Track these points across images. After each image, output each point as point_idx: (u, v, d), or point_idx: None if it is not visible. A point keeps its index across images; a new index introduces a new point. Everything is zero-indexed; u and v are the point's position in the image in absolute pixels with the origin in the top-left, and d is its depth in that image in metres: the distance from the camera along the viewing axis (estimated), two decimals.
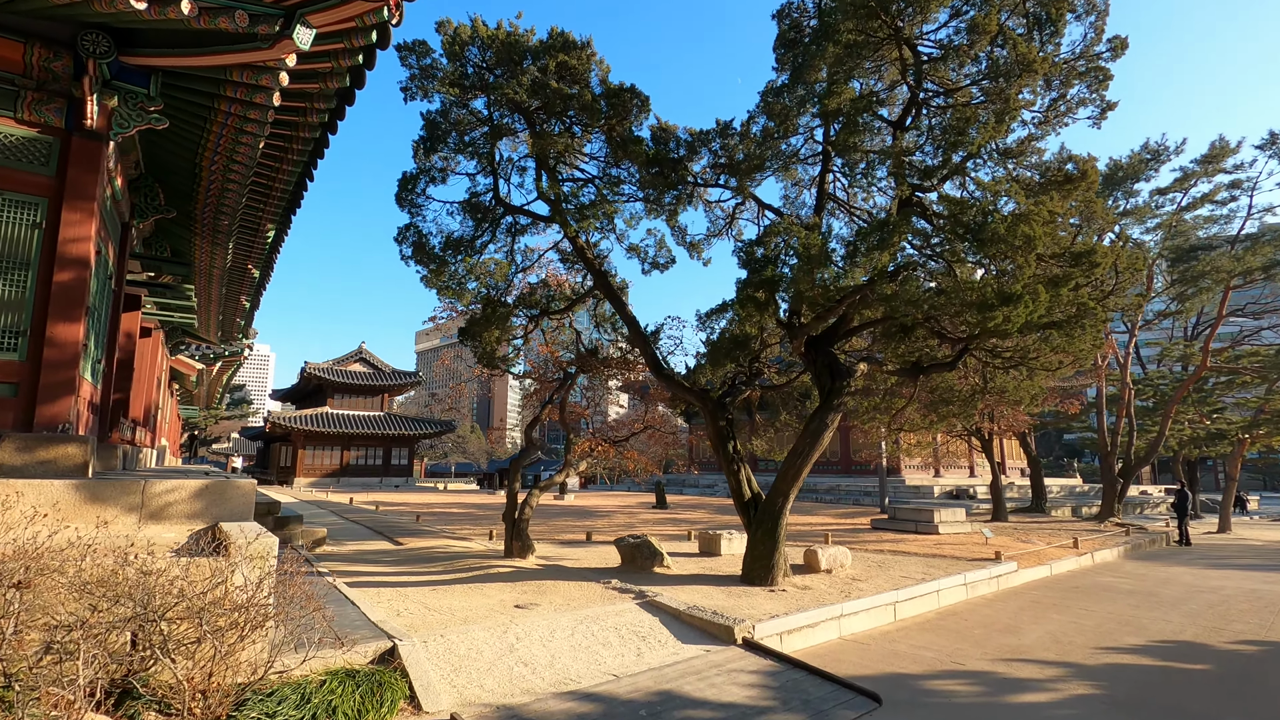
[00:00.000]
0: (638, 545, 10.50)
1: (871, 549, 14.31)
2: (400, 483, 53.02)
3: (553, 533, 17.75)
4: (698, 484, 47.88)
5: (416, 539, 13.78)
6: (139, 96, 7.56)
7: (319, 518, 18.57)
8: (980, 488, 36.95)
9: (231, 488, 6.62)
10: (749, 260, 10.03)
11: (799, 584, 9.66)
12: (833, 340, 10.19)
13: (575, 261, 12.54)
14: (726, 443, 10.57)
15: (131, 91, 7.50)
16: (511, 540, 11.11)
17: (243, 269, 14.22)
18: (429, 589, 8.73)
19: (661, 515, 25.05)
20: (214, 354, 28.01)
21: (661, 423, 15.12)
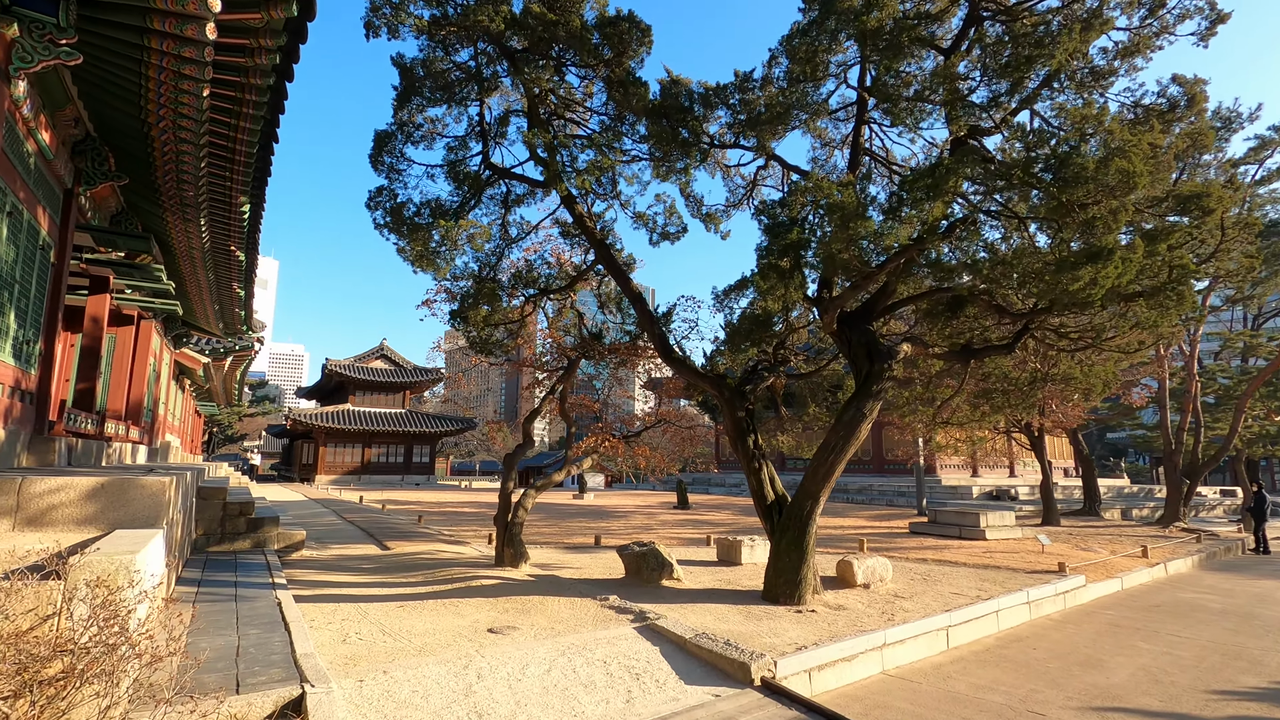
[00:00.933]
0: (643, 554, 9.14)
1: (913, 557, 12.73)
2: (421, 481, 52.44)
3: (561, 535, 16.47)
4: (724, 483, 46.31)
5: (407, 543, 12.61)
6: (46, 27, 6.39)
7: (315, 518, 17.59)
8: (1022, 488, 34.80)
9: (135, 488, 5.42)
10: (771, 223, 8.59)
11: (831, 602, 8.20)
12: (870, 316, 8.70)
13: (577, 235, 11.22)
14: (746, 437, 9.15)
15: (36, 20, 6.33)
16: (503, 546, 9.84)
17: (226, 251, 13.20)
18: (396, 605, 7.48)
19: (682, 516, 23.64)
20: (224, 348, 27.38)
21: (678, 417, 13.73)
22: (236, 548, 10.55)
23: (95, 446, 10.39)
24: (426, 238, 8.46)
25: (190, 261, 13.87)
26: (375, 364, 54.66)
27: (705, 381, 9.43)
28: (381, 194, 8.85)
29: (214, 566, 8.78)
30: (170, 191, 10.40)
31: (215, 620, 5.93)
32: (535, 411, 11.53)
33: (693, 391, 12.19)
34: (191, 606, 6.33)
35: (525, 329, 12.12)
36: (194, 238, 12.17)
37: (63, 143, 8.45)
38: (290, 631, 5.70)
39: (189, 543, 9.06)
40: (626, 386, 14.21)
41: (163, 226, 11.99)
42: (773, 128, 9.41)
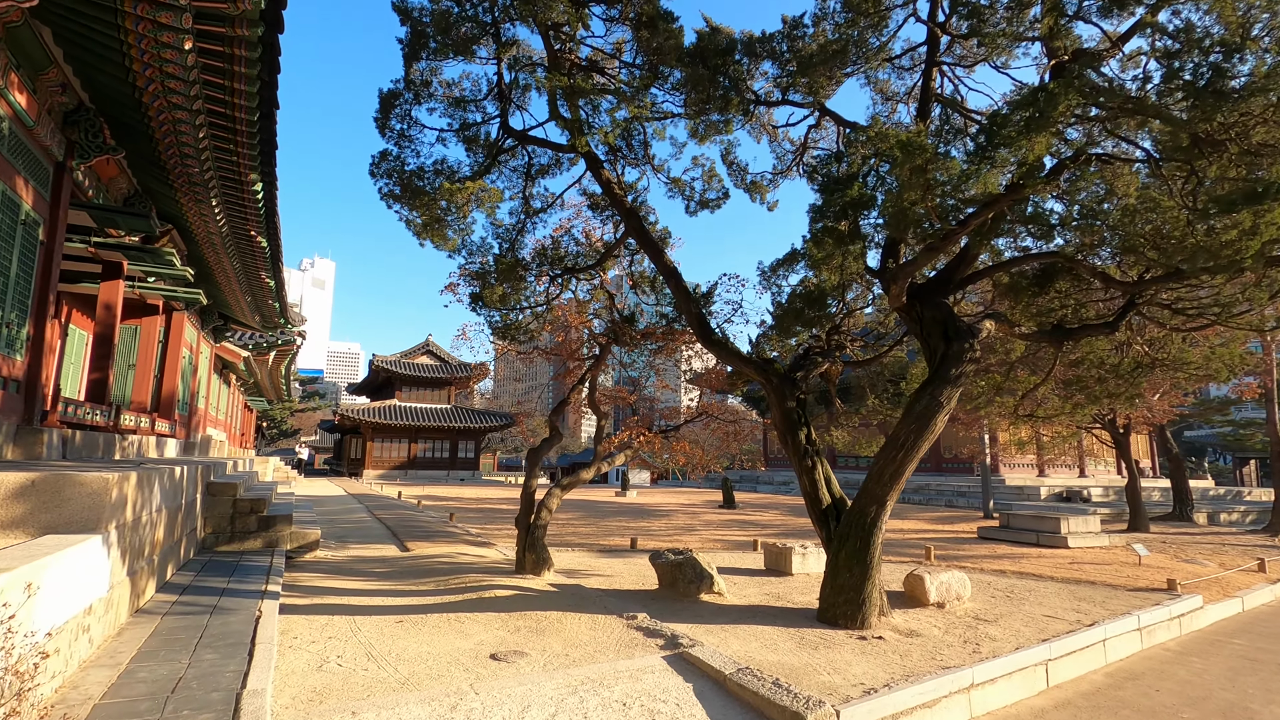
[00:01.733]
0: (679, 564, 8.01)
1: (989, 569, 11.23)
2: (466, 476, 52.48)
3: (597, 535, 15.47)
4: (771, 481, 44.73)
5: (429, 544, 11.81)
6: None
7: (345, 514, 17.06)
8: (1095, 490, 32.22)
9: (71, 485, 4.60)
10: (827, 180, 7.35)
11: (901, 627, 6.91)
12: (946, 287, 7.35)
13: (606, 208, 10.16)
14: (796, 430, 7.92)
15: None
16: (524, 551, 8.87)
17: (246, 236, 12.64)
18: (395, 621, 6.57)
19: (727, 516, 22.40)
20: (265, 343, 27.40)
21: (722, 410, 12.53)
22: (246, 547, 9.89)
23: (103, 439, 9.88)
24: (433, 204, 7.52)
25: (212, 248, 13.38)
26: (421, 360, 55.00)
27: (750, 367, 8.23)
28: (386, 159, 7.95)
29: (211, 570, 8.07)
30: (175, 168, 9.78)
31: (173, 640, 5.10)
32: (563, 403, 10.54)
33: (737, 381, 11.00)
34: (157, 622, 5.54)
35: (553, 313, 11.14)
36: (210, 221, 11.61)
37: (48, 111, 7.85)
38: (253, 657, 4.80)
39: (186, 544, 8.40)
40: (666, 377, 13.09)
41: (178, 210, 11.46)
42: (828, 70, 8.14)
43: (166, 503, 6.97)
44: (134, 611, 5.78)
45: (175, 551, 7.68)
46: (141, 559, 6.00)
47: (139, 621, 5.56)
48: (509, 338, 10.68)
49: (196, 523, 9.23)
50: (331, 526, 14.27)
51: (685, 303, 8.47)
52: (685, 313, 8.53)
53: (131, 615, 5.69)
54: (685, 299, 8.46)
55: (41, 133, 7.73)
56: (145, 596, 6.16)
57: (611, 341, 10.41)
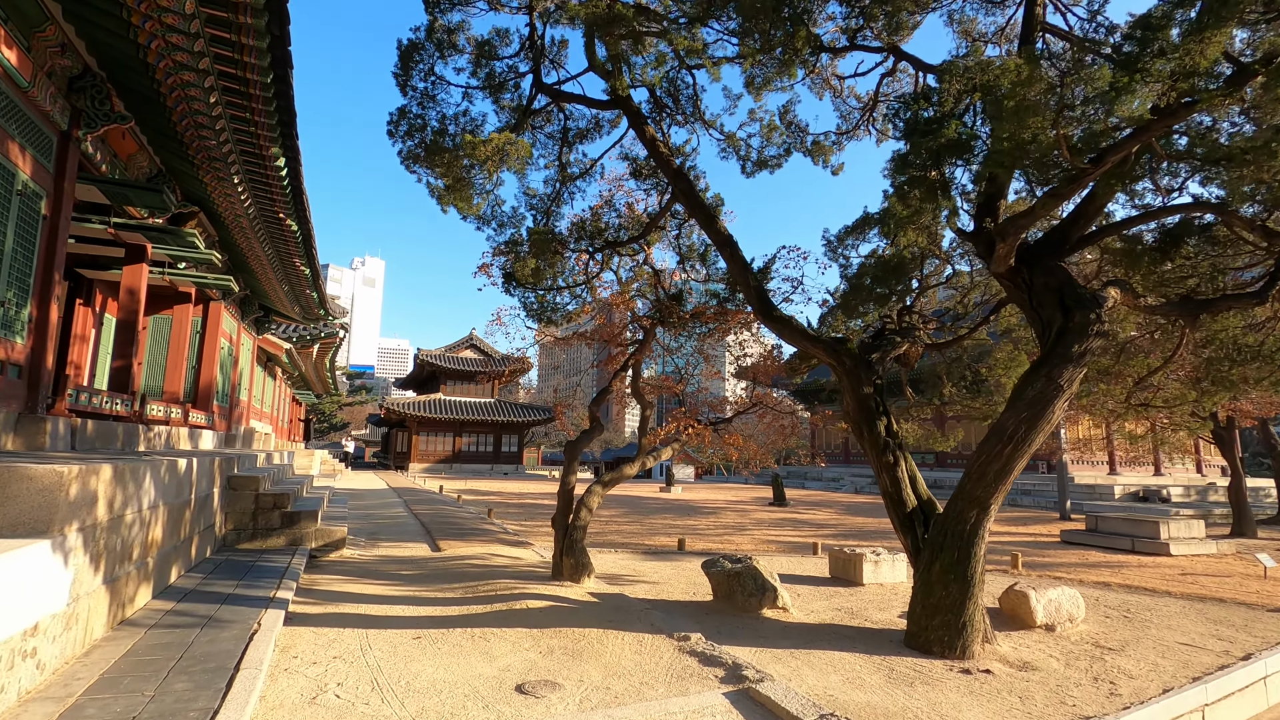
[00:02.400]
0: (737, 574, 6.96)
1: (1089, 580, 9.82)
2: (510, 470, 52.39)
3: (642, 534, 14.52)
4: (820, 477, 43.09)
5: (463, 543, 11.04)
6: None
7: (381, 509, 16.53)
8: (1175, 489, 29.76)
9: (17, 480, 3.84)
10: (913, 124, 6.16)
11: (1010, 656, 5.72)
12: (1061, 249, 6.08)
13: (650, 174, 9.14)
14: (874, 420, 6.78)
15: None
16: (561, 555, 7.96)
17: (275, 218, 12.06)
18: (413, 636, 5.72)
19: (779, 515, 21.20)
20: (309, 335, 27.36)
21: (776, 402, 11.40)
22: (269, 545, 9.27)
23: (123, 430, 9.37)
24: (456, 163, 6.63)
25: (243, 233, 12.87)
26: (465, 354, 55.11)
27: (819, 347, 7.10)
28: (405, 117, 7.10)
29: (224, 571, 7.41)
30: (193, 141, 9.16)
31: (147, 663, 4.33)
32: (604, 392, 9.60)
33: (800, 367, 9.85)
34: (138, 637, 4.80)
35: (592, 293, 10.20)
36: (235, 202, 11.04)
37: (47, 74, 7.28)
38: (231, 686, 3.99)
39: (200, 543, 7.76)
40: (716, 364, 12.01)
41: (203, 191, 10.93)
42: (908, 3, 6.94)
43: (167, 498, 6.29)
44: (116, 624, 5.07)
45: (183, 551, 7.03)
46: (128, 563, 5.29)
47: (117, 637, 4.83)
48: (545, 320, 9.79)
49: (215, 519, 8.63)
50: (365, 522, 13.71)
51: (742, 276, 7.39)
52: (742, 287, 7.45)
53: (112, 628, 4.97)
54: (743, 271, 7.38)
55: (40, 96, 7.14)
56: (134, 605, 5.45)
57: (657, 323, 9.40)
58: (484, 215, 8.30)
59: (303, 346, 27.07)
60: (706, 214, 7.56)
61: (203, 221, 12.58)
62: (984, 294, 10.68)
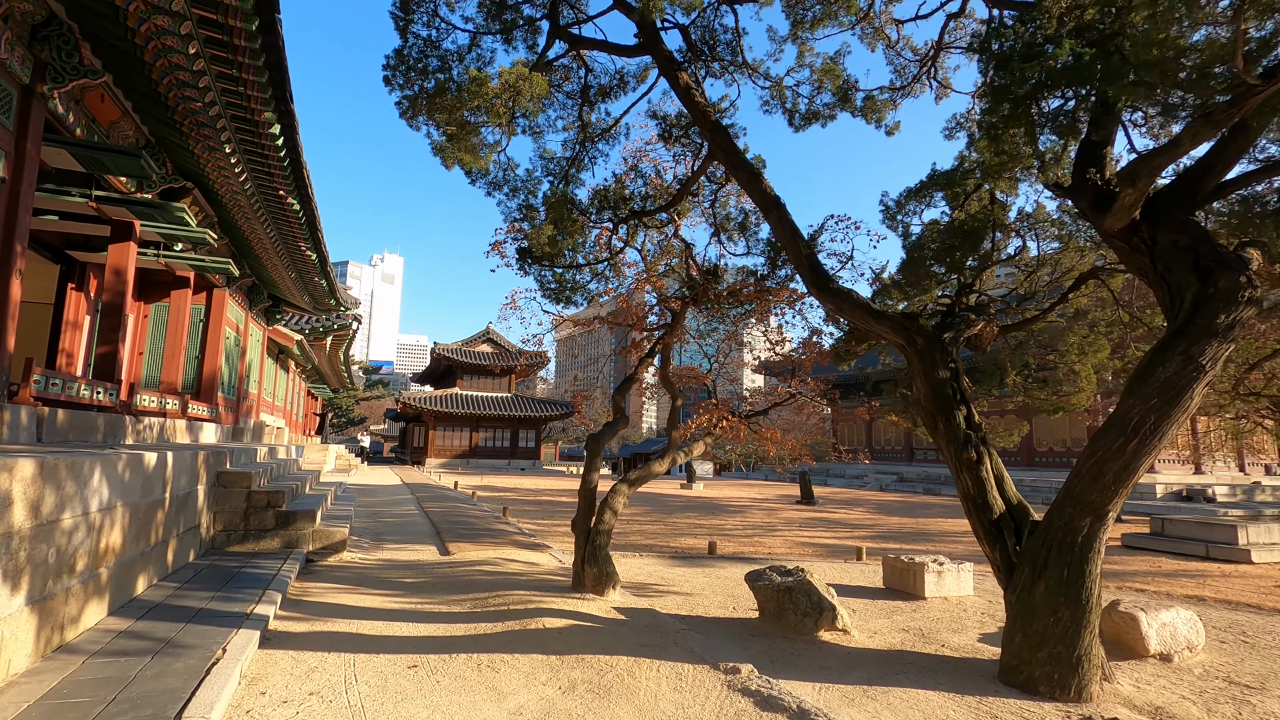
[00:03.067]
0: (789, 590, 5.95)
1: (1178, 595, 8.67)
2: (527, 466, 51.70)
3: (667, 535, 13.55)
4: (843, 474, 41.86)
5: (475, 545, 10.13)
6: None
7: (391, 507, 15.70)
8: (1219, 488, 28.24)
9: None
10: (1008, 51, 5.10)
11: (1137, 699, 4.66)
12: (1193, 200, 4.99)
13: (680, 137, 8.14)
14: (952, 410, 5.73)
15: None
16: (583, 564, 7.01)
17: (275, 196, 11.22)
18: (408, 663, 4.80)
19: (809, 514, 20.12)
20: (322, 327, 26.71)
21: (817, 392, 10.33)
22: (261, 548, 8.44)
23: (104, 421, 8.58)
24: (459, 106, 5.67)
25: (242, 213, 12.03)
26: (481, 348, 54.48)
27: (884, 324, 6.06)
28: (403, 60, 6.14)
29: (203, 580, 6.55)
30: (178, 104, 8.30)
31: (68, 707, 3.44)
32: (629, 380, 8.62)
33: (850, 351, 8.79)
34: (71, 670, 3.90)
35: (615, 271, 9.23)
36: (231, 176, 10.19)
37: (4, 19, 6.47)
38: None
39: (179, 547, 6.91)
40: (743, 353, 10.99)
41: (196, 164, 10.10)
42: None
43: (128, 498, 5.42)
44: (49, 652, 4.19)
45: (155, 558, 6.18)
46: (67, 577, 4.41)
47: (44, 670, 3.95)
48: (564, 301, 8.83)
49: (200, 519, 7.79)
50: (372, 521, 12.89)
51: (792, 243, 6.36)
52: (791, 257, 6.42)
53: (41, 658, 4.09)
54: (792, 238, 6.35)
55: None
56: (78, 627, 4.58)
57: (689, 303, 8.40)
58: (495, 179, 7.35)
59: (315, 338, 26.42)
60: (750, 172, 6.53)
61: (199, 200, 11.79)
62: (1053, 272, 9.56)
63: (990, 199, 7.12)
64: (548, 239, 6.73)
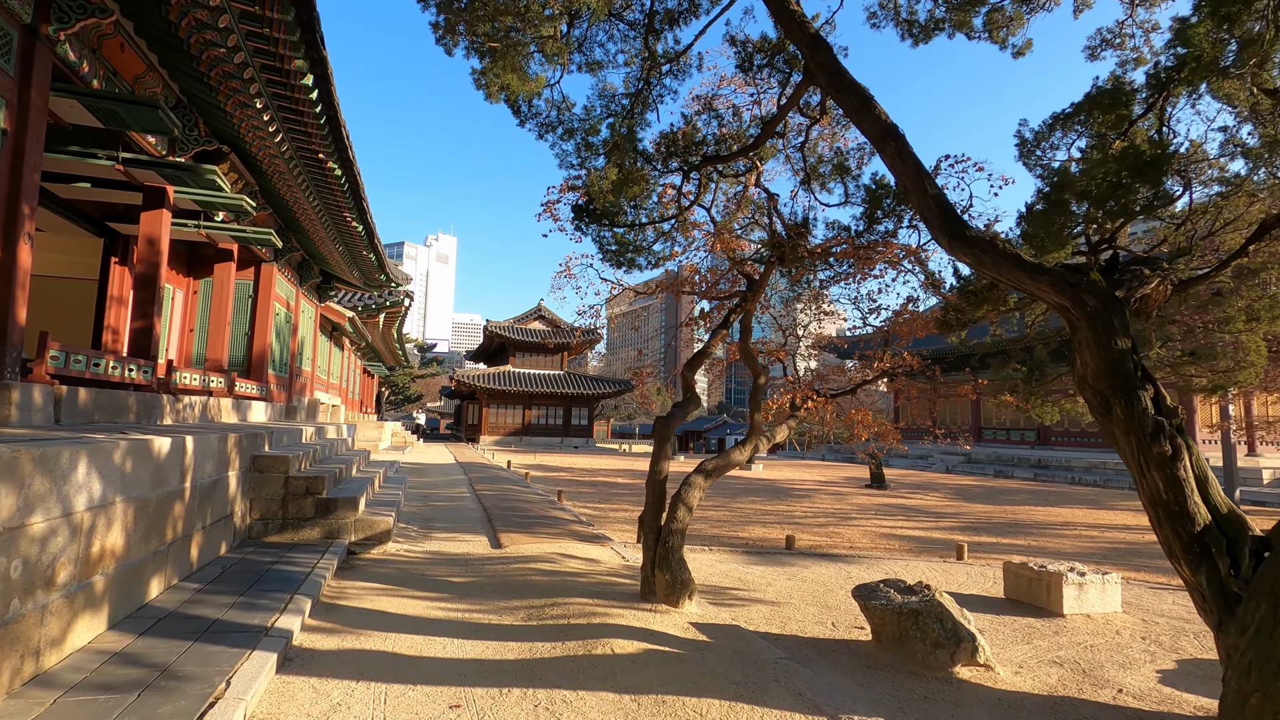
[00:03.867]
0: (915, 614, 4.79)
1: None
2: (580, 444, 51.36)
3: (734, 523, 12.47)
4: (906, 456, 39.81)
5: (529, 537, 9.27)
6: None
7: (443, 488, 15.10)
8: None
9: None
10: None
11: None
12: None
13: (764, 65, 6.86)
14: (1135, 390, 4.42)
15: None
16: (653, 568, 6.01)
17: (314, 160, 10.47)
18: (451, 702, 3.89)
19: (882, 499, 18.70)
20: (374, 304, 26.49)
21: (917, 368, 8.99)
22: (300, 538, 7.76)
23: (136, 400, 8.01)
24: (503, 12, 4.61)
25: (283, 180, 11.32)
26: (533, 325, 54.18)
27: (1042, 281, 4.75)
28: None
29: (229, 578, 5.83)
30: (200, 51, 7.54)
31: None
32: (700, 354, 7.51)
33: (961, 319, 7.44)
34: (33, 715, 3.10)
35: (684, 229, 8.09)
36: (266, 137, 9.42)
37: None
38: None
39: (207, 540, 6.22)
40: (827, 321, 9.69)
41: (230, 125, 9.36)
42: None
43: (133, 492, 4.67)
44: (22, 684, 3.43)
45: (174, 556, 5.47)
46: (45, 592, 3.64)
47: (8, 712, 3.18)
48: (624, 264, 7.77)
49: (233, 508, 7.13)
50: (422, 504, 12.25)
51: (915, 182, 5.08)
52: (915, 199, 5.14)
53: (10, 694, 3.33)
54: (916, 176, 5.07)
55: None
56: (63, 649, 3.83)
57: (774, 264, 7.18)
58: (547, 119, 6.28)
59: (368, 316, 26.21)
60: (859, 95, 5.26)
61: (237, 167, 11.14)
62: (1211, 223, 7.93)
63: (1160, 124, 5.67)
64: (611, 186, 5.64)
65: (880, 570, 8.56)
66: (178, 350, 12.80)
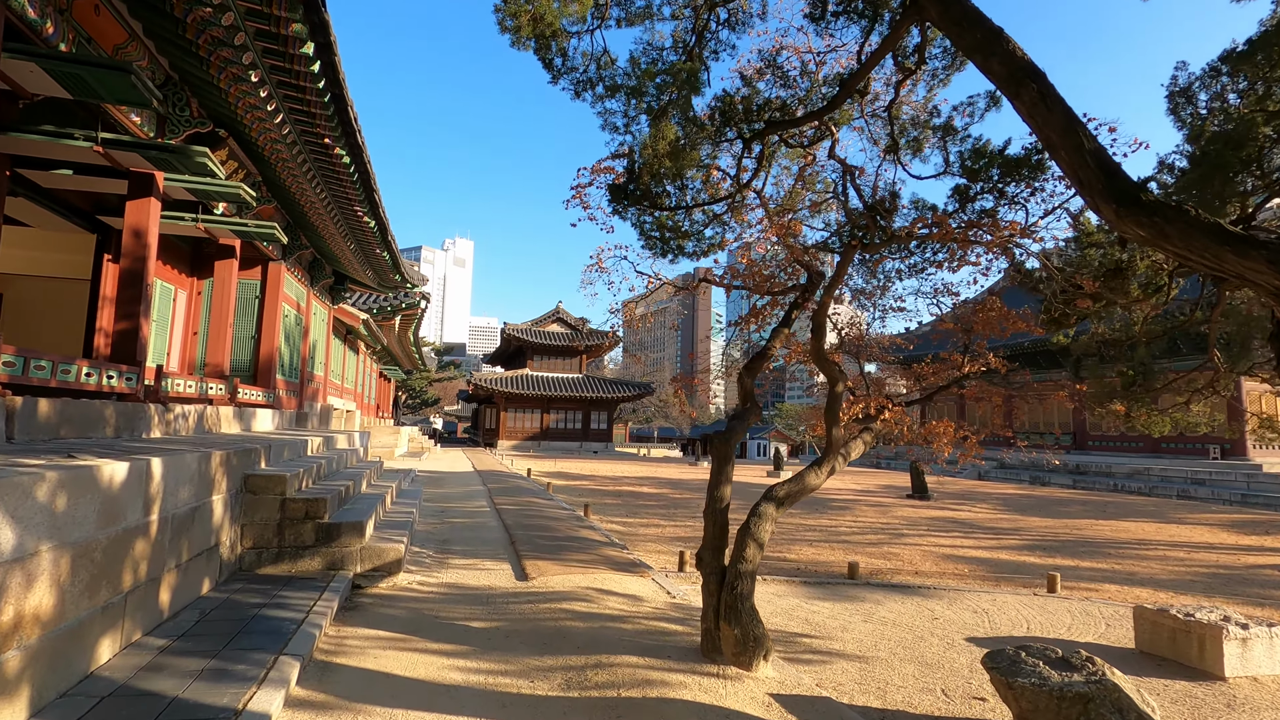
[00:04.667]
0: (1081, 702, 3.60)
1: None
2: (600, 448, 50.34)
3: (777, 541, 11.29)
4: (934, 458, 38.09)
5: (559, 565, 8.17)
6: None
7: (461, 501, 14.06)
8: None
9: None
10: None
11: None
12: None
13: (842, 8, 5.74)
14: None
15: None
16: (716, 618, 4.90)
17: (320, 146, 9.52)
18: None
19: (929, 511, 17.40)
20: (390, 306, 25.64)
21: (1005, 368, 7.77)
22: (299, 569, 6.74)
23: (115, 412, 7.06)
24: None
25: (286, 169, 10.37)
26: (551, 327, 53.27)
27: (1254, 258, 3.56)
28: None
29: (204, 631, 4.81)
30: (184, 13, 6.63)
31: None
32: (761, 355, 6.37)
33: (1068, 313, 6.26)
34: None
35: (738, 216, 7.00)
36: (265, 117, 8.46)
37: None
38: None
39: (184, 581, 5.21)
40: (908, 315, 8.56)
41: (225, 104, 8.42)
42: None
43: (69, 535, 3.66)
44: None
45: (138, 605, 4.46)
46: None
47: None
48: (669, 252, 6.69)
49: (218, 538, 6.12)
50: (438, 521, 11.23)
51: (1065, 134, 3.91)
52: (1066, 157, 3.98)
53: None
54: (1066, 126, 3.88)
55: None
56: None
57: (855, 246, 6.03)
58: (584, 75, 5.21)
59: (383, 318, 25.35)
60: (985, 28, 4.11)
61: (237, 154, 10.19)
62: None
63: None
64: (667, 149, 4.55)
65: (965, 606, 7.37)
66: (180, 355, 11.93)
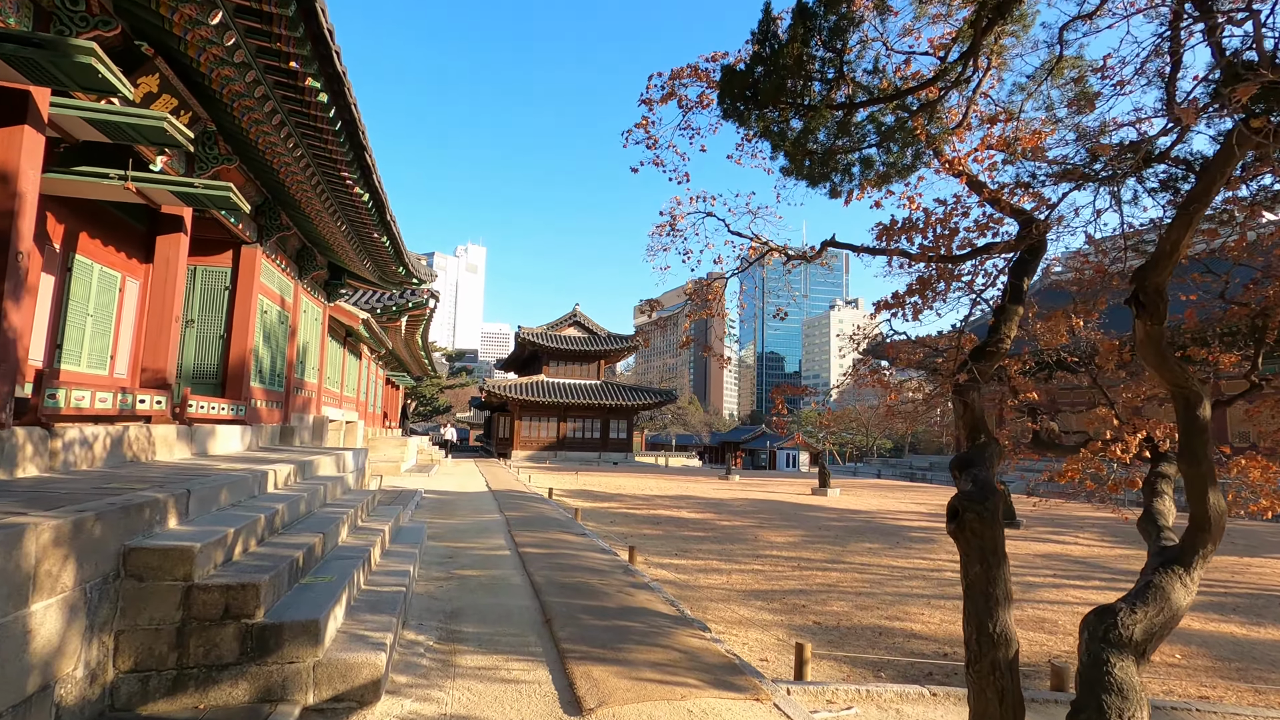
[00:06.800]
0: None
1: None
2: (620, 459, 47.61)
3: (876, 598, 8.49)
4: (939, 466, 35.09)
5: (625, 675, 5.40)
6: None
7: (473, 536, 11.27)
8: None
9: None
10: None
11: None
12: None
13: None
14: None
15: None
16: None
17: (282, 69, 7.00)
18: None
19: (1033, 545, 14.33)
20: (395, 305, 23.10)
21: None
22: (211, 702, 4.10)
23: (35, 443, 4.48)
24: None
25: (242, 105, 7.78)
26: (568, 332, 50.69)
27: None
28: None
29: None
30: None
31: None
32: (995, 349, 3.70)
33: None
34: None
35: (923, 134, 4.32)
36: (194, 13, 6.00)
37: None
38: None
39: None
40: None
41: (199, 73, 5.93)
42: None
43: None
44: None
45: None
46: None
47: None
48: (819, 180, 4.07)
49: (53, 668, 3.50)
50: (444, 576, 8.55)
51: None
52: None
53: None
54: None
55: None
56: None
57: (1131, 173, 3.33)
58: None
59: (388, 318, 22.85)
60: None
61: (173, 85, 7.58)
62: None
63: None
64: None
65: None
66: (130, 358, 9.40)
